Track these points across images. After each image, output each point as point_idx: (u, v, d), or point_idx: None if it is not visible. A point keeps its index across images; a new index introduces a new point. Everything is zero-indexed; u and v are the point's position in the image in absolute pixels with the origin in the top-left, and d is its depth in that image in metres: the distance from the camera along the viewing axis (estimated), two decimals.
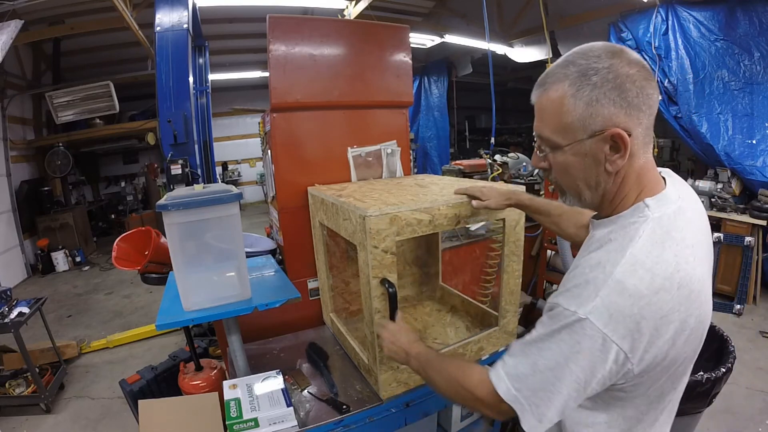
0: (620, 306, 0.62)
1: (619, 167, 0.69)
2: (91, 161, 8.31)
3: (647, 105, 0.66)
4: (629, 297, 0.62)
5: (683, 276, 0.65)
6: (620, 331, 0.62)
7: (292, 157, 1.79)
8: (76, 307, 4.74)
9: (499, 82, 4.24)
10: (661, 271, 0.64)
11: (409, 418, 1.38)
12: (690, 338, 0.68)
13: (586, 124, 0.67)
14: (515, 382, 0.71)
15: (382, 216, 1.16)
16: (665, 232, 0.67)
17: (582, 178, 0.73)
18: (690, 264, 0.66)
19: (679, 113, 4.32)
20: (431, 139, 8.87)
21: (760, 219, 3.61)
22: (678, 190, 0.73)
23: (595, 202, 0.76)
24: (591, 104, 0.66)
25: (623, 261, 0.65)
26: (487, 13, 3.30)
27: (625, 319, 0.62)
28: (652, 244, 0.66)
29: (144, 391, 2.19)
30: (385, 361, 1.28)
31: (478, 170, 3.56)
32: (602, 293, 0.63)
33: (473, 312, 1.78)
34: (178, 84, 2.93)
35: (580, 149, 0.70)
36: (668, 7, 4.31)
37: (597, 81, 0.65)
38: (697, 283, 0.67)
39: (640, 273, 0.63)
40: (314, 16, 2.02)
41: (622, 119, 0.66)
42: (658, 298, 0.63)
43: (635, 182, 0.71)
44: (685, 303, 0.65)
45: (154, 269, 1.90)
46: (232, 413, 1.18)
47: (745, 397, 2.52)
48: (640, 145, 0.69)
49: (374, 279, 1.21)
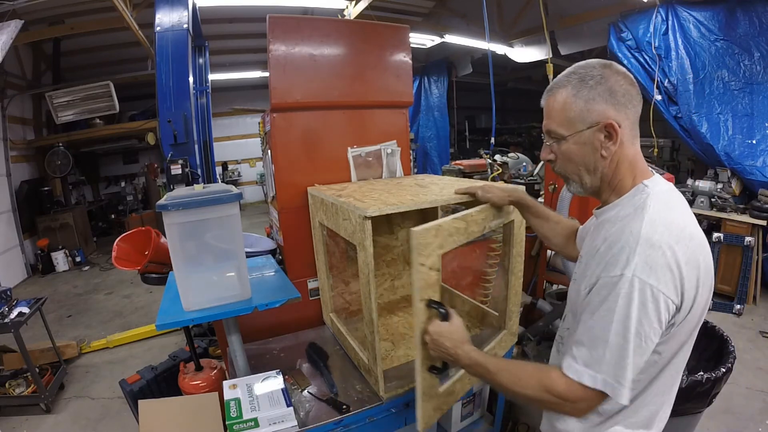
0: (656, 258, 0.73)
1: (612, 152, 0.85)
2: (91, 161, 8.31)
3: (632, 104, 0.84)
4: (659, 248, 0.74)
5: (692, 230, 0.79)
6: (663, 279, 0.73)
7: (292, 157, 1.79)
8: (76, 307, 4.74)
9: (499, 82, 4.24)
10: (675, 227, 0.77)
11: (409, 418, 1.38)
12: (705, 287, 0.80)
13: (584, 118, 0.84)
14: (597, 368, 0.77)
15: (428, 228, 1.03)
16: (666, 200, 0.82)
17: (583, 163, 0.88)
18: (691, 224, 0.81)
19: (679, 113, 4.32)
20: (431, 139, 8.86)
21: (760, 219, 3.61)
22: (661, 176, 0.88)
23: (595, 185, 0.89)
24: (588, 102, 0.83)
25: (644, 223, 0.77)
26: (487, 13, 3.30)
27: (663, 268, 0.73)
28: (661, 208, 0.79)
29: (144, 391, 2.19)
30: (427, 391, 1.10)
31: (478, 170, 3.56)
32: (638, 251, 0.74)
33: (473, 312, 1.78)
34: (178, 84, 2.93)
35: (580, 138, 0.86)
36: (668, 7, 4.30)
37: (592, 84, 0.83)
38: (701, 237, 0.80)
39: (660, 229, 0.76)
40: (314, 16, 2.02)
41: (613, 114, 0.83)
42: (680, 246, 0.75)
43: (629, 168, 0.86)
44: (699, 250, 0.78)
45: (154, 269, 1.90)
46: (232, 413, 1.18)
47: (745, 397, 2.52)
48: (628, 136, 0.85)
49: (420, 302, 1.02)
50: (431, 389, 1.12)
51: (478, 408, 1.93)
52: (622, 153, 0.85)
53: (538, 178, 3.56)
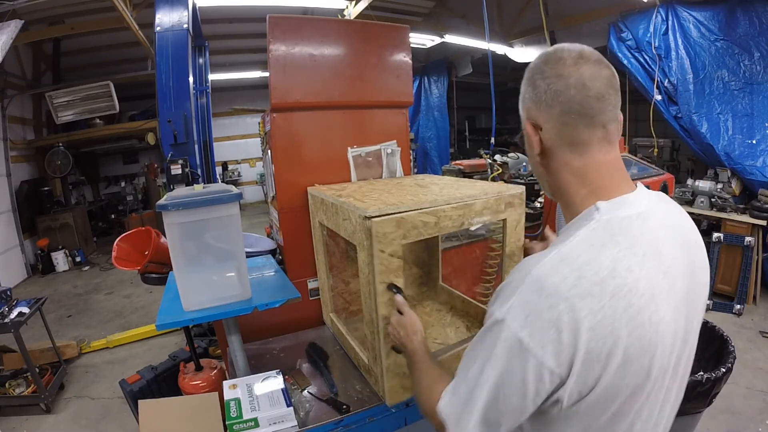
0: (537, 306, 0.56)
1: (535, 157, 0.73)
2: (91, 161, 8.31)
3: (557, 101, 0.66)
4: (547, 297, 0.56)
5: (620, 284, 0.56)
6: (538, 337, 0.55)
7: (292, 157, 1.79)
8: (76, 307, 4.74)
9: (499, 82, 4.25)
10: (590, 274, 0.56)
11: (409, 418, 1.38)
12: (630, 367, 0.57)
13: (522, 117, 0.74)
14: (451, 396, 0.68)
15: (388, 219, 1.13)
16: (609, 235, 0.60)
17: (532, 165, 0.78)
18: (633, 273, 0.57)
19: (679, 113, 4.32)
20: (431, 139, 8.87)
21: (760, 219, 3.61)
22: (651, 198, 0.67)
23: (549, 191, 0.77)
24: (522, 99, 0.74)
25: (548, 258, 0.59)
26: (487, 13, 3.30)
27: (543, 323, 0.55)
28: (588, 245, 0.59)
29: (144, 391, 2.19)
30: (392, 368, 1.24)
31: (478, 170, 3.56)
32: (520, 291, 0.59)
33: (473, 312, 1.78)
34: (178, 84, 2.93)
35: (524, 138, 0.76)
36: (668, 7, 4.30)
37: (524, 79, 0.72)
38: (640, 298, 0.57)
39: (564, 272, 0.57)
40: (314, 16, 2.02)
41: (534, 114, 0.70)
42: (583, 304, 0.55)
43: (574, 181, 0.68)
44: (622, 318, 0.55)
45: (154, 269, 1.90)
46: (232, 413, 1.18)
47: (745, 397, 2.52)
48: (556, 140, 0.68)
49: (380, 284, 1.16)
50: (397, 368, 1.24)
51: None
52: (555, 161, 0.70)
53: None
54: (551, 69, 0.67)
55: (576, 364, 0.55)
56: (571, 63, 0.65)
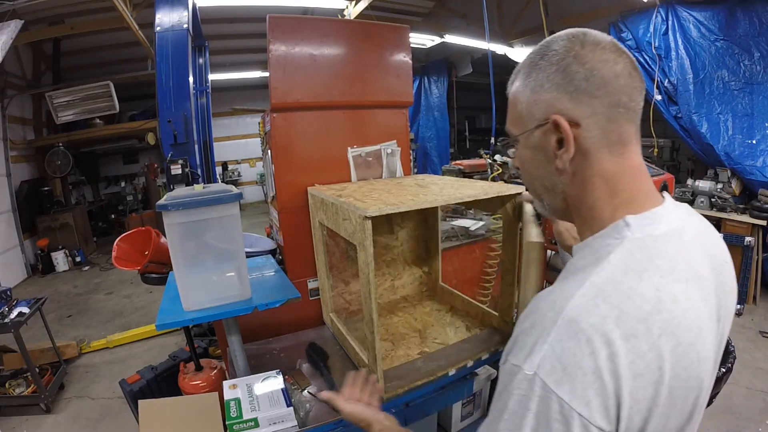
0: (577, 355, 0.46)
1: (566, 163, 0.58)
2: (91, 161, 8.31)
3: (604, 90, 0.55)
4: (587, 341, 0.46)
5: (667, 320, 0.48)
6: (579, 393, 0.45)
7: (292, 157, 1.79)
8: (76, 307, 4.74)
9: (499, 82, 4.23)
10: (632, 309, 0.47)
11: (409, 418, 1.38)
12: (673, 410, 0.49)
13: (532, 112, 0.60)
14: None
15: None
16: (646, 257, 0.51)
17: (537, 176, 0.64)
18: (680, 305, 0.49)
19: (679, 113, 4.32)
20: (431, 139, 8.87)
21: (760, 219, 3.61)
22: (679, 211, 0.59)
23: (558, 208, 0.65)
24: (535, 90, 0.59)
25: (579, 293, 0.49)
26: (487, 13, 3.30)
27: (585, 376, 0.45)
28: (625, 272, 0.50)
29: (144, 391, 2.19)
30: None
31: (478, 170, 3.56)
32: (551, 338, 0.48)
33: (473, 312, 1.78)
34: (178, 84, 2.93)
35: (530, 141, 0.62)
36: (668, 7, 4.30)
37: (543, 65, 0.58)
38: (689, 333, 0.49)
39: (602, 309, 0.47)
40: (314, 16, 2.02)
41: (567, 105, 0.56)
42: (629, 347, 0.46)
43: (606, 191, 0.58)
44: (669, 358, 0.47)
45: (154, 269, 1.90)
46: (232, 413, 1.17)
47: (745, 397, 2.52)
48: (599, 140, 0.56)
49: None
50: None
51: (478, 408, 1.93)
52: (590, 167, 0.58)
53: None
54: (591, 53, 0.55)
55: (623, 417, 0.46)
56: (611, 49, 0.56)
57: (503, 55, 6.70)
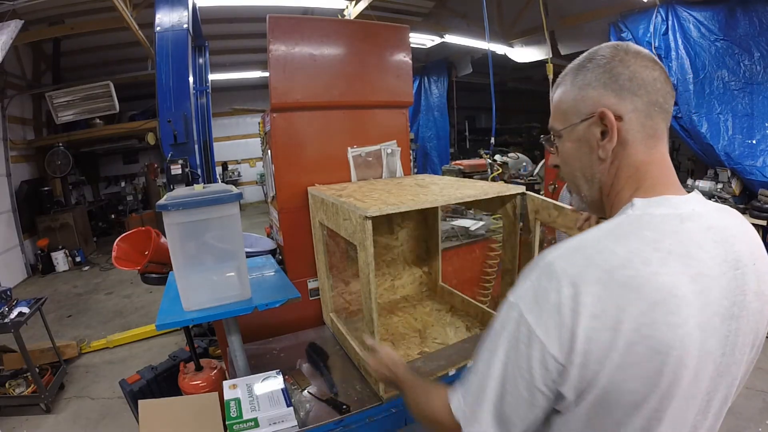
0: (547, 291, 0.55)
1: (608, 152, 0.65)
2: (91, 161, 8.31)
3: (644, 90, 0.63)
4: (557, 280, 0.54)
5: (632, 275, 0.52)
6: (543, 321, 0.54)
7: (292, 157, 1.79)
8: (76, 307, 4.74)
9: (499, 82, 4.24)
10: (600, 261, 0.54)
11: (409, 418, 1.38)
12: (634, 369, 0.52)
13: (579, 108, 0.68)
14: (462, 392, 0.67)
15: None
16: (635, 228, 0.57)
17: (579, 167, 0.71)
18: (651, 267, 0.53)
19: (679, 113, 4.32)
20: (431, 139, 8.87)
21: (760, 219, 3.61)
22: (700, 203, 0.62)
23: (594, 198, 0.71)
24: (582, 88, 0.67)
25: (564, 246, 0.58)
26: (487, 13, 3.30)
27: (549, 307, 0.54)
28: (608, 235, 0.57)
29: (144, 391, 2.19)
30: None
31: (478, 170, 3.57)
32: (533, 276, 0.58)
33: (473, 312, 1.78)
34: (178, 84, 2.93)
35: (575, 134, 0.69)
36: (668, 7, 4.30)
37: (591, 67, 0.67)
38: (654, 293, 0.52)
39: (575, 258, 0.55)
40: (314, 16, 2.02)
41: (612, 101, 0.64)
42: (589, 290, 0.52)
43: (631, 178, 0.65)
44: (629, 310, 0.51)
45: (154, 269, 1.90)
46: (232, 413, 1.18)
47: (745, 397, 2.52)
48: (637, 132, 0.64)
49: None
50: None
51: None
52: (626, 157, 0.65)
53: (538, 178, 3.56)
54: (633, 59, 0.64)
55: (576, 353, 0.53)
56: (650, 59, 0.65)
57: (503, 55, 6.70)
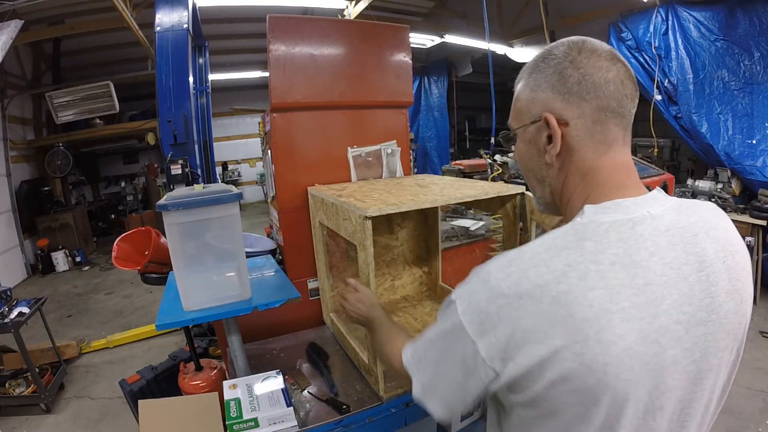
0: (479, 297, 0.57)
1: (553, 158, 0.64)
2: (91, 161, 8.31)
3: (594, 94, 0.60)
4: (488, 291, 0.56)
5: (564, 291, 0.51)
6: (474, 323, 0.57)
7: (292, 157, 1.79)
8: (76, 307, 4.74)
9: (499, 82, 4.24)
10: (535, 276, 0.53)
11: (409, 418, 1.38)
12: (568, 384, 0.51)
13: (529, 109, 0.66)
14: (413, 350, 0.74)
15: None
16: (577, 239, 0.55)
17: (531, 168, 0.71)
18: (587, 282, 0.51)
19: (679, 113, 4.32)
20: (431, 139, 8.87)
21: (760, 219, 3.61)
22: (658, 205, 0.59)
23: (548, 201, 0.71)
24: (534, 89, 0.65)
25: (506, 255, 0.58)
26: (487, 13, 3.30)
27: (480, 313, 0.57)
28: (548, 247, 0.56)
29: (144, 391, 2.19)
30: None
31: (478, 170, 3.57)
32: (472, 280, 0.61)
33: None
34: (178, 84, 2.93)
35: (525, 135, 0.68)
36: (668, 7, 4.31)
37: (543, 67, 0.64)
38: (587, 310, 0.50)
39: (511, 269, 0.55)
40: (314, 16, 2.02)
41: (559, 105, 0.62)
42: (520, 304, 0.53)
43: (581, 185, 0.63)
44: (560, 327, 0.50)
45: (154, 269, 1.90)
46: (232, 413, 1.18)
47: (745, 397, 2.52)
48: (585, 139, 0.62)
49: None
50: None
51: (478, 408, 1.93)
52: (573, 163, 0.63)
53: None
54: (587, 59, 0.60)
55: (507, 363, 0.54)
56: (607, 57, 0.61)
57: (503, 55, 6.70)
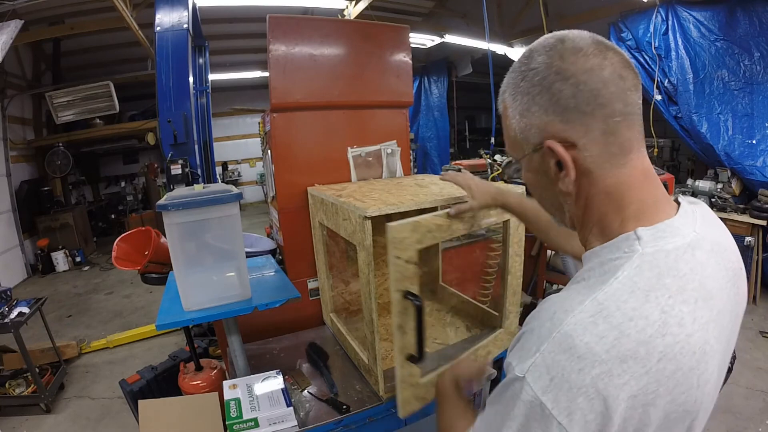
0: (565, 369, 0.46)
1: (569, 186, 0.56)
2: (91, 161, 8.30)
3: (595, 104, 0.51)
4: (578, 359, 0.45)
5: (670, 344, 0.46)
6: (564, 404, 0.45)
7: (292, 157, 1.79)
8: (76, 307, 4.74)
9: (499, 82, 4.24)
10: (634, 332, 0.45)
11: (409, 419, 1.38)
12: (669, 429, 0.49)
13: (527, 137, 0.57)
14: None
15: (405, 224, 1.08)
16: (656, 275, 0.49)
17: (545, 197, 0.63)
18: (686, 328, 0.47)
19: (679, 113, 4.32)
20: (431, 139, 8.87)
21: (760, 219, 3.61)
22: (696, 222, 0.55)
23: (571, 225, 0.63)
24: (523, 114, 0.56)
25: (581, 308, 0.48)
26: (487, 13, 3.30)
27: (571, 389, 0.45)
28: (631, 290, 0.48)
29: (144, 391, 2.19)
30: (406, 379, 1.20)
31: (478, 170, 3.56)
32: (544, 347, 0.48)
33: (473, 312, 1.78)
34: (178, 84, 2.93)
35: (531, 165, 0.60)
36: (668, 7, 4.30)
37: (525, 86, 0.55)
38: (691, 358, 0.47)
39: (601, 328, 0.46)
40: (314, 16, 2.02)
41: (558, 128, 0.53)
42: (624, 369, 0.45)
43: (612, 206, 0.55)
44: (668, 384, 0.46)
45: (154, 269, 1.90)
46: (232, 413, 1.18)
47: (745, 397, 2.52)
48: (599, 156, 0.53)
49: (396, 292, 1.10)
50: (411, 377, 1.20)
51: (478, 408, 1.93)
52: (595, 185, 0.55)
53: None
54: (573, 65, 0.51)
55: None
56: (594, 52, 0.52)
57: (503, 55, 6.70)
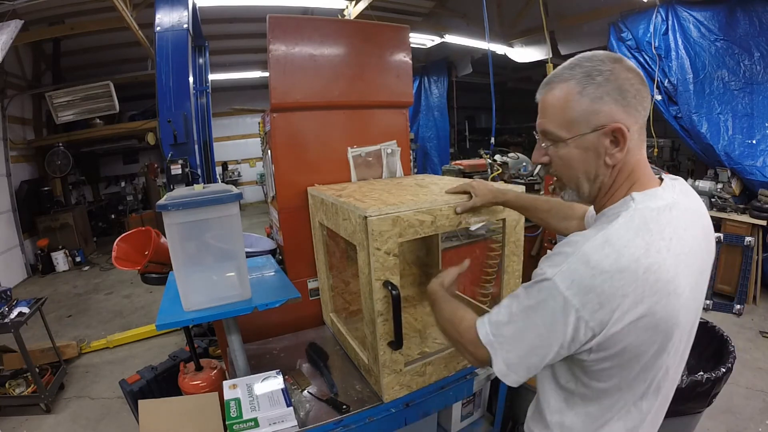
0: (581, 275, 0.69)
1: (617, 160, 0.76)
2: (91, 161, 8.30)
3: (642, 106, 0.75)
4: (591, 269, 0.68)
5: (651, 263, 0.68)
6: (579, 297, 0.68)
7: (292, 157, 1.79)
8: (76, 307, 4.74)
9: (499, 82, 4.25)
10: (627, 253, 0.68)
11: (409, 418, 1.38)
12: (656, 329, 0.71)
13: (589, 119, 0.75)
14: (493, 328, 0.80)
15: (385, 217, 1.15)
16: (643, 222, 0.72)
17: (583, 170, 0.80)
18: (662, 254, 0.69)
19: (679, 113, 4.32)
20: (431, 139, 8.86)
21: (760, 219, 3.61)
22: (675, 192, 0.78)
23: (593, 195, 0.82)
24: (595, 101, 0.74)
25: (594, 239, 0.71)
26: (487, 13, 3.30)
27: (584, 288, 0.68)
28: (626, 229, 0.71)
29: (144, 391, 2.19)
30: (388, 365, 1.28)
31: (478, 170, 3.56)
32: (569, 260, 0.71)
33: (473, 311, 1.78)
34: (178, 84, 2.93)
35: (582, 143, 0.77)
36: (668, 7, 4.30)
37: (601, 81, 0.73)
38: (667, 274, 0.69)
39: (606, 251, 0.69)
40: (314, 16, 2.02)
41: (622, 116, 0.73)
42: (620, 276, 0.67)
43: (627, 177, 0.78)
44: (651, 290, 0.68)
45: (154, 269, 1.90)
46: (232, 413, 1.18)
47: (745, 397, 2.52)
48: (636, 141, 0.76)
49: (377, 281, 1.20)
50: (394, 364, 1.28)
51: (478, 408, 1.93)
52: (626, 162, 0.77)
53: (538, 178, 3.55)
54: (635, 76, 0.74)
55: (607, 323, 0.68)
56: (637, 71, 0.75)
57: (503, 55, 6.70)
